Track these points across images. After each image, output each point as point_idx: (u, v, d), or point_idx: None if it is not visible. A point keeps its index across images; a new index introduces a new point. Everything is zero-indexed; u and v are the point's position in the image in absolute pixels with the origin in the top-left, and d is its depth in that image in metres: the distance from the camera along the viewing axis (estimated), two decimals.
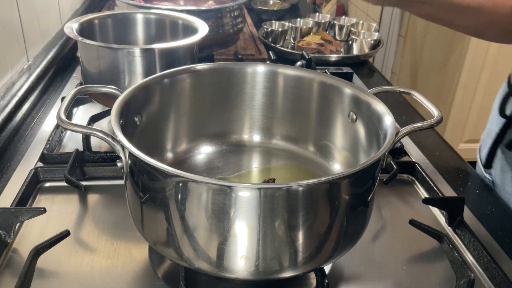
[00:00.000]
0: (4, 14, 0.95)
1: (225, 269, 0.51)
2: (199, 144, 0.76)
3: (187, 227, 0.50)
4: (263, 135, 0.77)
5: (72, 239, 0.64)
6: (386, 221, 0.71)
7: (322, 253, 0.53)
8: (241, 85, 0.75)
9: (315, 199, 0.49)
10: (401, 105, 1.10)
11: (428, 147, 0.91)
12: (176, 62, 0.83)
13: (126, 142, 0.51)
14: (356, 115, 0.67)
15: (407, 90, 0.67)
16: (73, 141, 0.87)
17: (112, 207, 0.71)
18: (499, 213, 0.74)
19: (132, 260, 0.61)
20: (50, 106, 1.01)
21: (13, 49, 0.99)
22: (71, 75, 1.17)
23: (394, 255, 0.65)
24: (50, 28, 1.24)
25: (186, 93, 0.72)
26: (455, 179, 0.82)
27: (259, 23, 1.60)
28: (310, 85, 0.72)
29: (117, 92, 0.64)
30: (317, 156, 0.74)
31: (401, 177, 0.81)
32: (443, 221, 0.72)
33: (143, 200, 0.53)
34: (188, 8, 1.25)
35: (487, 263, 0.62)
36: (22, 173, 0.75)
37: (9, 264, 0.60)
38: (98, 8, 1.71)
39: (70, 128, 0.55)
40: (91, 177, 0.77)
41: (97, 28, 0.95)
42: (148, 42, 1.01)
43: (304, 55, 1.23)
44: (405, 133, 0.57)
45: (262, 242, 0.49)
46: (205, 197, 0.48)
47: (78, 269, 0.60)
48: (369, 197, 0.55)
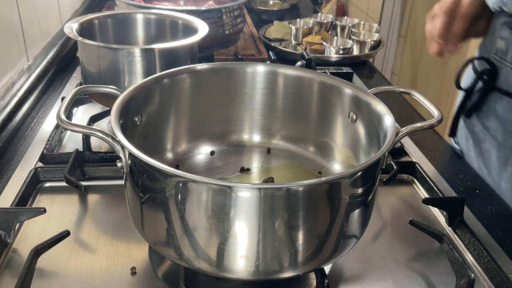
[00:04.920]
0: (4, 14, 0.95)
1: (225, 269, 0.51)
2: (199, 144, 0.76)
3: (187, 227, 0.50)
4: (263, 135, 0.77)
5: (72, 239, 0.64)
6: (386, 221, 0.71)
7: (322, 253, 0.53)
8: (241, 85, 0.75)
9: (315, 199, 0.49)
10: (401, 105, 1.10)
11: (428, 147, 0.91)
12: (176, 62, 0.83)
13: (126, 142, 0.51)
14: (356, 115, 0.67)
15: (407, 90, 0.67)
16: (73, 141, 0.87)
17: (112, 207, 0.71)
18: (499, 213, 0.74)
19: (132, 260, 0.61)
20: (50, 106, 1.01)
21: (13, 49, 0.99)
22: (71, 75, 1.17)
23: (394, 255, 0.65)
24: (50, 28, 1.24)
25: (186, 93, 0.72)
26: (455, 179, 0.82)
27: (259, 23, 1.60)
28: (310, 85, 0.72)
29: (117, 92, 0.64)
30: (317, 156, 0.74)
31: (401, 177, 0.81)
32: (443, 221, 0.72)
33: (143, 200, 0.53)
34: (188, 8, 1.25)
35: (487, 263, 0.62)
36: (22, 173, 0.75)
37: (9, 264, 0.60)
38: (98, 8, 1.71)
39: (70, 128, 0.55)
40: (91, 177, 0.77)
41: (97, 28, 0.95)
42: (148, 42, 1.01)
43: (304, 55, 1.23)
44: (405, 133, 0.57)
45: (262, 242, 0.49)
46: (205, 197, 0.48)
47: (78, 269, 0.60)
48: (369, 197, 0.55)
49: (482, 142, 0.84)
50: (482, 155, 0.84)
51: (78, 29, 0.87)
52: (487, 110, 0.81)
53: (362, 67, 1.33)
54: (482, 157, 0.84)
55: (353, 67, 1.25)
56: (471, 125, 0.86)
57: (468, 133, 0.87)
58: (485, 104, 0.82)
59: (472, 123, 0.86)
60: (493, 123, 0.80)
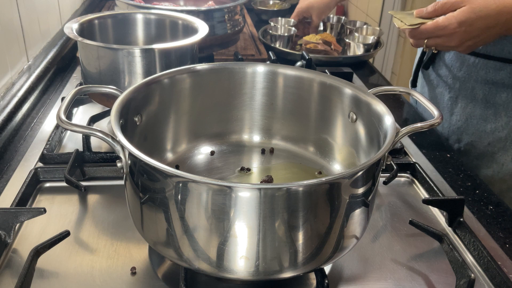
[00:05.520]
0: (4, 14, 0.95)
1: (225, 269, 0.51)
2: (199, 144, 0.76)
3: (187, 228, 0.50)
4: (263, 135, 0.77)
5: (72, 239, 0.64)
6: (386, 221, 0.71)
7: (322, 254, 0.53)
8: (241, 85, 0.75)
9: (315, 200, 0.49)
10: (401, 105, 1.10)
11: (428, 147, 0.91)
12: (176, 62, 0.83)
13: (126, 142, 0.51)
14: (356, 115, 0.67)
15: (407, 90, 0.67)
16: (73, 141, 0.87)
17: (112, 207, 0.71)
18: (499, 213, 0.74)
19: (132, 260, 0.61)
20: (50, 106, 1.01)
21: (13, 49, 0.99)
22: (71, 75, 1.17)
23: (394, 255, 0.65)
24: (50, 28, 1.24)
25: (186, 93, 0.72)
26: (455, 179, 0.82)
27: (259, 23, 1.60)
28: (310, 85, 0.72)
29: (117, 92, 0.64)
30: (317, 156, 0.74)
31: (401, 177, 0.81)
32: (443, 221, 0.72)
33: (143, 200, 0.53)
34: (188, 8, 1.25)
35: (487, 263, 0.62)
36: (22, 173, 0.75)
37: (9, 264, 0.60)
38: (98, 8, 1.71)
39: (70, 128, 0.55)
40: (91, 177, 0.77)
41: (97, 28, 0.95)
42: (148, 42, 1.01)
43: (304, 55, 1.23)
44: (405, 133, 0.57)
45: (262, 242, 0.49)
46: (205, 198, 0.48)
47: (78, 269, 0.60)
48: (369, 197, 0.55)
49: (436, 87, 1.05)
50: (436, 98, 1.06)
51: (78, 29, 0.87)
52: (439, 61, 1.04)
53: (362, 67, 1.33)
54: (435, 99, 1.06)
55: (353, 67, 1.25)
56: (427, 75, 1.08)
57: (424, 82, 1.10)
58: (437, 57, 1.05)
59: (428, 73, 1.08)
60: (444, 71, 1.03)
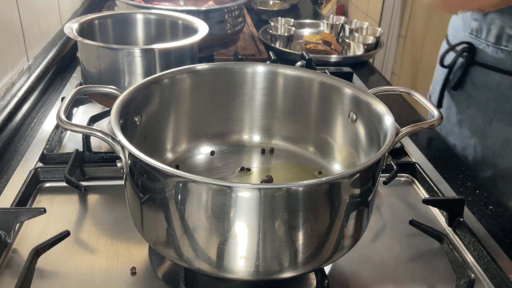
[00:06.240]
0: (4, 14, 0.95)
1: (225, 269, 0.51)
2: (199, 144, 0.76)
3: (187, 228, 0.50)
4: (263, 135, 0.77)
5: (72, 239, 0.64)
6: (386, 221, 0.71)
7: (322, 254, 0.53)
8: (241, 85, 0.75)
9: (315, 200, 0.49)
10: (401, 105, 1.10)
11: (428, 147, 0.91)
12: (176, 62, 0.83)
13: (126, 142, 0.51)
14: (356, 115, 0.67)
15: (407, 90, 0.67)
16: (73, 141, 0.87)
17: (112, 207, 0.71)
18: (499, 213, 0.74)
19: (132, 260, 0.61)
20: (50, 106, 1.01)
21: (13, 49, 0.99)
22: (71, 75, 1.17)
23: (394, 255, 0.65)
24: (50, 28, 1.24)
25: (186, 93, 0.72)
26: (455, 179, 0.82)
27: (259, 23, 1.60)
28: (310, 85, 0.72)
29: (117, 92, 0.64)
30: (317, 156, 0.74)
31: (401, 177, 0.81)
32: (443, 221, 0.72)
33: (143, 200, 0.53)
34: (188, 8, 1.25)
35: (487, 263, 0.62)
36: (22, 173, 0.75)
37: (9, 264, 0.60)
38: (98, 8, 1.71)
39: (70, 128, 0.55)
40: (91, 177, 0.77)
41: (97, 28, 0.95)
42: (148, 42, 1.01)
43: (304, 55, 1.23)
44: (405, 133, 0.57)
45: (262, 242, 0.49)
46: (205, 198, 0.48)
47: (78, 269, 0.60)
48: (369, 197, 0.55)
49: (466, 109, 0.99)
50: (466, 120, 0.99)
51: (78, 29, 0.87)
52: (470, 81, 0.97)
53: (362, 67, 1.33)
54: (466, 121, 1.00)
55: (353, 67, 1.25)
56: (455, 95, 1.02)
57: (453, 102, 1.03)
58: (468, 77, 0.98)
59: (457, 94, 1.01)
60: (476, 92, 0.96)
